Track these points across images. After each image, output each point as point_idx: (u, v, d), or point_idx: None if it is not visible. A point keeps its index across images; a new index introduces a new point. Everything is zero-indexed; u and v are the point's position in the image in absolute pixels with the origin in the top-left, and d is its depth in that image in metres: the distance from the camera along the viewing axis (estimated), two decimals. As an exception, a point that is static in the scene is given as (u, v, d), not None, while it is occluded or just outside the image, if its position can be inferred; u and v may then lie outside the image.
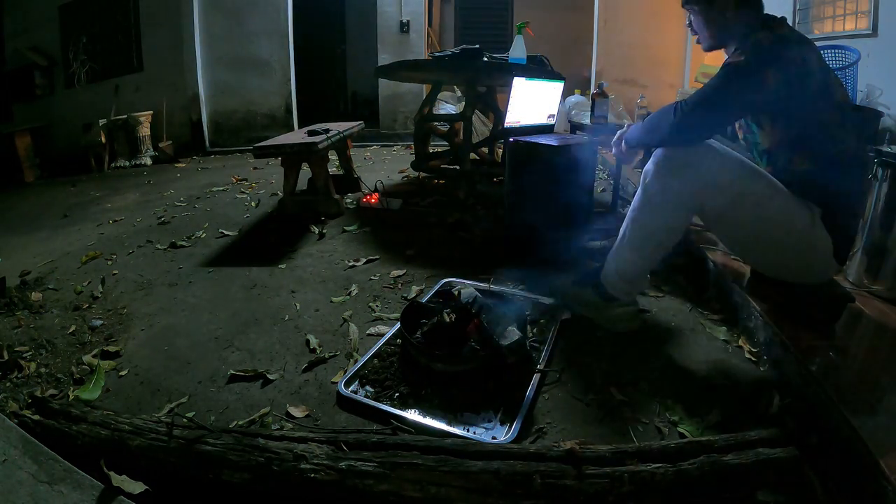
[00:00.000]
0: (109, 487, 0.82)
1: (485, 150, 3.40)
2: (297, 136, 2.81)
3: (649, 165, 1.26)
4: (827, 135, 1.18)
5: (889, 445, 0.81)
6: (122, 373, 1.29)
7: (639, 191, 1.29)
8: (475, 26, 6.91)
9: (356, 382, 1.19)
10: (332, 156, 3.23)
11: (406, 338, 1.24)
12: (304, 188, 2.93)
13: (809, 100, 1.16)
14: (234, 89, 5.71)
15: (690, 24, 1.37)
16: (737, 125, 1.43)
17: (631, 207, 1.32)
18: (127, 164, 5.17)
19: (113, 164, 5.16)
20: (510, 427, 1.02)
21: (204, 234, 2.42)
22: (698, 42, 1.38)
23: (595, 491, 0.79)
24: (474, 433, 1.01)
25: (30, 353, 1.39)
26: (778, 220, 1.19)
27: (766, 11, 1.28)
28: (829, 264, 1.24)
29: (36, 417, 0.98)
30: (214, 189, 3.45)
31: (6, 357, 1.34)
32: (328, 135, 2.56)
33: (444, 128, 3.33)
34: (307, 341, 1.41)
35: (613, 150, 1.44)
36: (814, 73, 1.15)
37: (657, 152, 1.25)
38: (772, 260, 1.32)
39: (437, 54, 2.70)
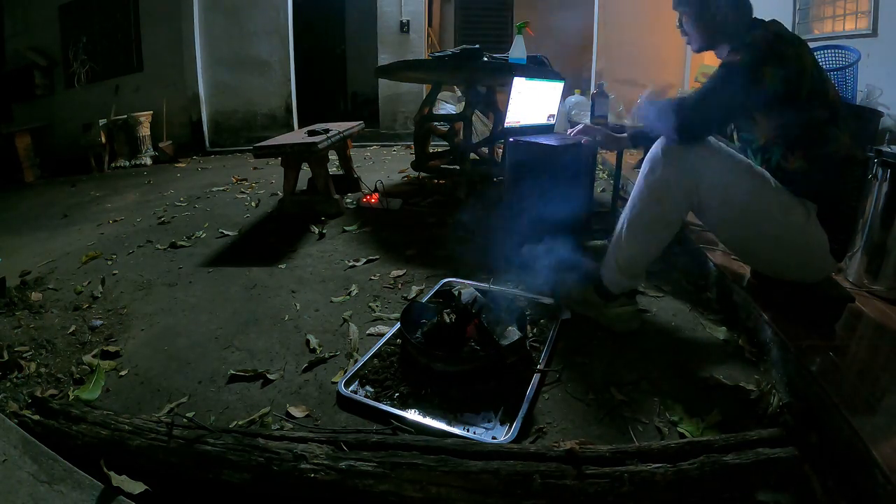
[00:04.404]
0: (109, 487, 0.82)
1: (485, 150, 3.40)
2: (297, 136, 2.81)
3: (649, 159, 1.26)
4: (820, 132, 1.19)
5: (889, 445, 0.81)
6: (122, 373, 1.29)
7: (638, 183, 1.29)
8: (475, 26, 6.91)
9: (356, 382, 1.19)
10: (332, 156, 3.23)
11: (406, 338, 1.24)
12: (304, 188, 2.93)
13: (804, 98, 1.16)
14: (234, 89, 5.71)
15: (681, 25, 1.37)
16: (732, 124, 1.43)
17: (630, 199, 1.32)
18: (127, 164, 5.17)
19: (113, 164, 5.17)
20: (510, 427, 1.02)
21: (204, 234, 2.42)
22: (689, 43, 1.39)
23: (595, 491, 0.79)
24: (474, 433, 1.01)
25: (30, 353, 1.39)
26: (773, 217, 1.20)
27: (767, 11, 1.28)
28: (826, 261, 1.24)
29: (36, 417, 0.98)
30: (214, 189, 3.45)
31: (6, 357, 1.34)
32: (328, 135, 2.56)
33: (444, 128, 3.33)
34: (307, 341, 1.41)
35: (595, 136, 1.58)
36: (808, 71, 1.16)
37: (656, 146, 1.25)
38: (768, 257, 1.33)
39: (437, 54, 2.69)
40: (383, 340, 1.35)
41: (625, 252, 1.35)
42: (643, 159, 1.32)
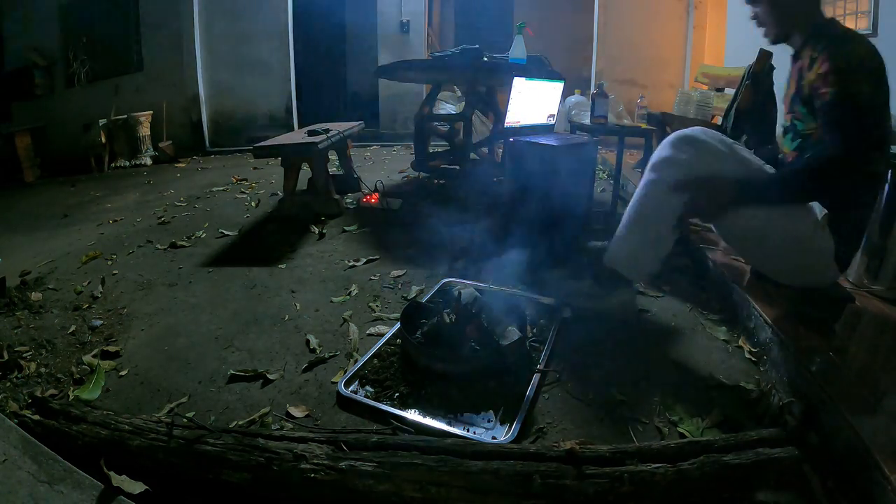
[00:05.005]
0: (109, 487, 0.82)
1: (485, 150, 3.40)
2: (297, 136, 2.81)
3: (655, 163, 1.26)
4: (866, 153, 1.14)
5: (889, 445, 0.81)
6: (122, 373, 1.29)
7: (645, 182, 1.29)
8: (475, 26, 6.91)
9: (356, 382, 1.19)
10: (332, 156, 3.23)
11: (406, 338, 1.24)
12: (304, 188, 2.93)
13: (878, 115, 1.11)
14: (234, 89, 5.71)
15: (756, 16, 1.33)
16: (785, 108, 1.38)
17: (641, 185, 1.31)
18: (127, 164, 5.17)
19: (113, 164, 5.16)
20: (510, 427, 1.02)
21: (204, 234, 2.42)
22: (765, 35, 1.33)
23: (595, 491, 0.79)
24: (474, 433, 1.01)
25: (30, 353, 1.39)
26: (780, 224, 1.20)
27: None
28: (830, 268, 1.24)
29: (36, 417, 0.98)
30: (214, 189, 3.46)
31: (6, 357, 1.34)
32: (328, 135, 2.57)
33: (444, 128, 3.33)
34: (307, 341, 1.41)
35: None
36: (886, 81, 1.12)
37: (663, 147, 1.25)
38: (772, 261, 1.33)
39: (437, 54, 2.70)
40: (383, 340, 1.35)
41: (632, 236, 1.34)
42: (644, 159, 1.32)
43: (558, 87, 2.52)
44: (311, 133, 2.66)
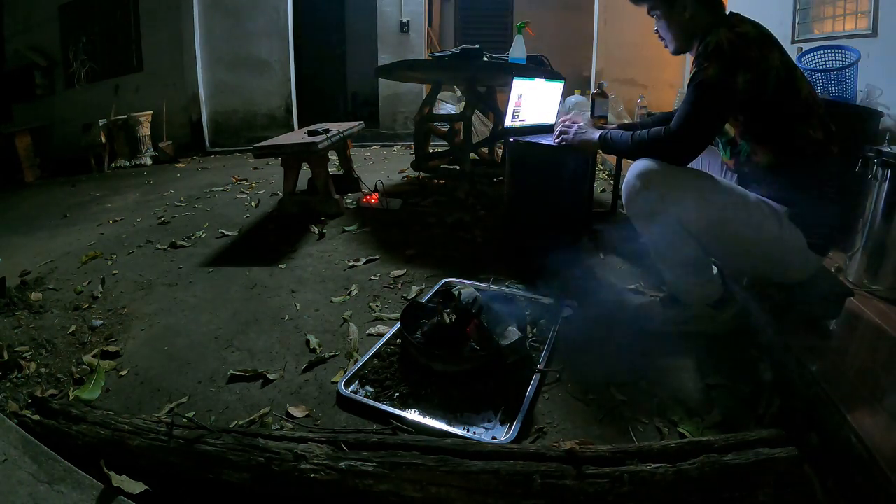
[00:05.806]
0: (109, 487, 0.82)
1: (485, 150, 3.40)
2: (297, 136, 2.81)
3: (627, 188, 1.27)
4: (788, 128, 1.19)
5: (889, 445, 0.81)
6: (122, 373, 1.29)
7: (630, 214, 1.31)
8: (475, 26, 6.91)
9: (356, 382, 1.19)
10: (332, 156, 3.23)
11: (406, 338, 1.24)
12: (304, 188, 2.93)
13: (770, 96, 1.17)
14: (234, 89, 5.71)
15: (657, 31, 1.37)
16: None
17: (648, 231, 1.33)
18: (127, 164, 5.16)
19: (113, 164, 5.16)
20: (510, 427, 1.02)
21: (204, 234, 2.42)
22: (666, 47, 1.38)
23: (595, 491, 0.79)
24: (474, 433, 1.01)
25: (30, 353, 1.39)
26: (746, 234, 1.21)
27: (767, 11, 1.27)
28: (807, 259, 1.23)
29: (36, 417, 0.98)
30: (214, 189, 3.45)
31: (6, 357, 1.34)
32: (328, 135, 2.56)
33: (444, 128, 3.33)
34: (307, 341, 1.41)
35: (569, 135, 1.50)
36: (774, 69, 1.16)
37: (631, 175, 1.25)
38: (749, 266, 1.35)
39: (437, 54, 2.70)
40: (383, 340, 1.35)
41: (668, 275, 1.37)
42: None
43: (558, 87, 2.52)
44: (311, 133, 2.65)
